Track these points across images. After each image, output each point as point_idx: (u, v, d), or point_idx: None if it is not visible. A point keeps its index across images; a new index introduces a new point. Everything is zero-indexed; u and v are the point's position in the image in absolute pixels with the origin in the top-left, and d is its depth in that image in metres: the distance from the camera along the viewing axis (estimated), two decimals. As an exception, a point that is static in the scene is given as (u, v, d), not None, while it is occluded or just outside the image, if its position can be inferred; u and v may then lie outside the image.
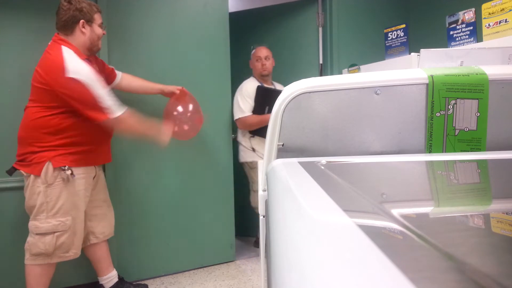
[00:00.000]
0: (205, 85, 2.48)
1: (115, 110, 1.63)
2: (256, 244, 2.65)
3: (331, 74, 2.81)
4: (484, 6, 1.82)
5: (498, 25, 1.76)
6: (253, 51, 2.59)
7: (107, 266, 1.99)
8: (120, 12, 2.25)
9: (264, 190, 0.99)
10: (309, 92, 0.92)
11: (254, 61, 2.56)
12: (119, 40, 2.25)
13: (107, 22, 2.21)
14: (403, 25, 2.27)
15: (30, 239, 1.66)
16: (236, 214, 2.65)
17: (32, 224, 1.64)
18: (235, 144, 2.66)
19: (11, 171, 1.72)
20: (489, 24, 1.80)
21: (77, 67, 1.59)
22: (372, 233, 0.28)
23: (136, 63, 2.31)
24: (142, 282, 2.35)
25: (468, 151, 0.90)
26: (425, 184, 0.49)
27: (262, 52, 2.53)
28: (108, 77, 1.91)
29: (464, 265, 0.21)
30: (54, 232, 1.64)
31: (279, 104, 0.93)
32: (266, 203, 0.75)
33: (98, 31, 1.76)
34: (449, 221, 0.31)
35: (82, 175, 1.72)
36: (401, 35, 2.28)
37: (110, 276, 1.99)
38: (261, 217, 0.99)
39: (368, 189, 0.45)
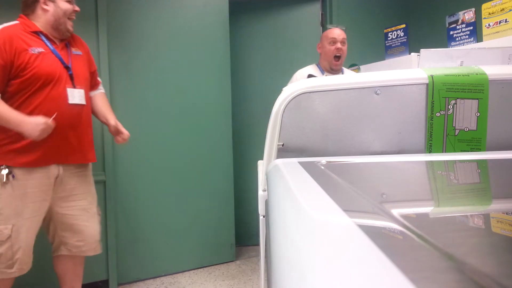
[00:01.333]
0: (205, 85, 2.48)
1: None
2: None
3: (331, 74, 2.80)
4: (484, 6, 1.82)
5: (498, 25, 1.76)
6: (325, 32, 2.22)
7: (76, 285, 1.71)
8: (120, 12, 2.25)
9: (264, 190, 0.99)
10: (309, 92, 0.92)
11: (326, 44, 2.12)
12: (119, 40, 2.25)
13: (107, 22, 2.21)
14: (403, 25, 2.27)
15: None
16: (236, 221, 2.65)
17: None
18: (236, 144, 2.66)
19: None
20: (489, 24, 1.79)
21: None
22: (372, 233, 0.28)
23: (136, 63, 2.31)
24: (142, 282, 2.35)
25: (468, 151, 0.90)
26: (425, 184, 0.49)
27: (338, 33, 2.11)
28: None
29: (464, 265, 0.21)
30: None
31: (279, 104, 0.93)
32: (266, 203, 0.75)
33: (65, 6, 1.54)
34: (449, 221, 0.31)
35: (28, 176, 1.45)
36: (401, 35, 2.28)
37: None
38: (261, 217, 0.99)
39: (368, 189, 0.45)
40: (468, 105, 0.89)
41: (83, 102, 1.60)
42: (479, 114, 0.90)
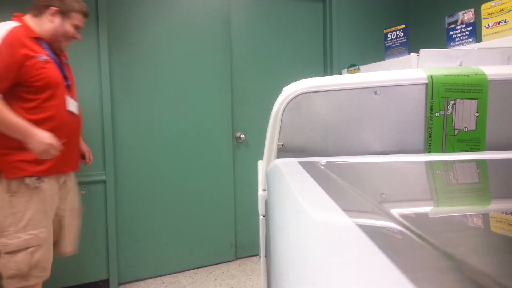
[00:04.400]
0: (206, 85, 2.48)
1: None
2: None
3: (331, 74, 2.81)
4: (483, 6, 1.82)
5: (497, 25, 1.76)
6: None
7: None
8: (120, 12, 2.25)
9: (264, 190, 0.99)
10: (309, 92, 0.92)
11: None
12: (119, 40, 2.25)
13: (108, 23, 2.21)
14: (403, 26, 2.27)
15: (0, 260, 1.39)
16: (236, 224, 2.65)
17: (0, 242, 1.37)
18: (236, 144, 2.66)
19: None
20: (488, 25, 1.80)
21: None
22: (372, 232, 0.28)
23: (136, 64, 2.31)
24: (142, 282, 2.36)
25: (467, 151, 0.91)
26: (425, 184, 0.50)
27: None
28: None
29: (463, 265, 0.22)
30: (27, 248, 1.38)
31: (279, 104, 0.93)
32: (266, 203, 0.75)
33: (68, 28, 1.55)
34: (449, 221, 0.31)
35: (47, 181, 1.48)
36: (401, 36, 2.28)
37: None
38: (261, 217, 0.99)
39: (368, 189, 0.45)
40: (467, 105, 0.90)
41: (79, 112, 1.65)
42: (478, 114, 0.90)
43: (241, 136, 2.60)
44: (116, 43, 2.24)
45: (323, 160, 0.77)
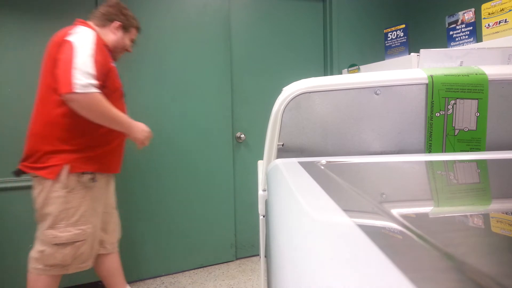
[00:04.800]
0: (206, 85, 2.48)
1: (84, 86, 1.35)
2: None
3: (331, 74, 2.81)
4: (483, 6, 1.82)
5: (497, 25, 1.76)
6: None
7: (120, 280, 1.76)
8: (120, 12, 2.25)
9: (264, 190, 0.99)
10: (309, 92, 0.92)
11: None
12: (119, 40, 2.25)
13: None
14: (403, 25, 2.27)
15: (45, 248, 1.46)
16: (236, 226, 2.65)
17: (49, 233, 1.45)
18: (236, 144, 2.66)
19: (19, 173, 1.51)
20: (488, 24, 1.80)
21: (80, 33, 1.43)
22: (372, 233, 0.28)
23: (136, 63, 2.31)
24: (142, 282, 2.35)
25: (468, 151, 0.90)
26: (425, 184, 0.49)
27: None
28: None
29: (464, 265, 0.21)
30: (75, 242, 1.48)
31: (279, 104, 0.93)
32: (266, 203, 0.75)
33: (127, 42, 1.71)
34: (449, 221, 0.31)
35: (99, 179, 1.58)
36: (401, 35, 2.28)
37: None
38: (261, 217, 0.99)
39: (368, 189, 0.45)
40: (467, 105, 0.90)
41: None
42: (478, 114, 0.90)
43: (241, 136, 2.60)
44: (116, 43, 2.24)
45: (323, 160, 0.77)
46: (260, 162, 1.22)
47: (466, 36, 1.97)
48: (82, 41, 1.41)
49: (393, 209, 0.35)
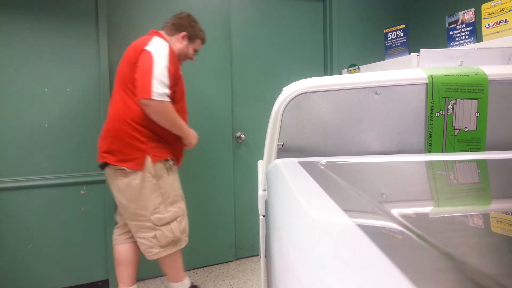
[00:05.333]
0: (206, 85, 2.48)
1: (161, 95, 1.55)
2: None
3: (331, 74, 2.81)
4: (483, 6, 1.82)
5: (497, 25, 1.76)
6: None
7: (133, 275, 1.89)
8: (120, 12, 2.25)
9: (264, 190, 0.99)
10: (309, 92, 0.92)
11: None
12: (119, 40, 2.25)
13: (107, 22, 2.21)
14: (403, 25, 2.27)
15: (155, 232, 1.69)
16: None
17: (155, 218, 1.67)
18: (235, 144, 2.66)
19: (104, 166, 1.72)
20: (488, 24, 1.80)
21: (156, 44, 1.63)
22: (372, 233, 0.28)
23: (136, 63, 2.31)
24: (142, 282, 2.35)
25: (468, 151, 0.90)
26: (425, 184, 0.49)
27: None
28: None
29: (464, 265, 0.21)
30: (176, 218, 1.73)
31: (279, 104, 0.93)
32: (266, 203, 0.75)
33: (190, 51, 1.87)
34: (449, 221, 0.31)
35: (175, 168, 1.81)
36: (401, 35, 2.28)
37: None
38: (261, 217, 0.99)
39: (368, 189, 0.45)
40: (467, 105, 0.90)
41: None
42: (478, 114, 0.90)
43: (241, 136, 2.60)
44: (116, 43, 2.24)
45: (323, 160, 0.77)
46: (260, 162, 1.22)
47: (466, 36, 1.97)
48: (159, 52, 1.60)
49: (393, 209, 0.35)
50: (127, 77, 1.64)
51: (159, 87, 1.53)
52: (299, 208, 0.37)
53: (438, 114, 0.91)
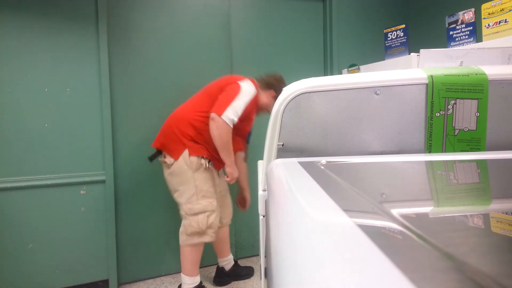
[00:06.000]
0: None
1: (229, 119, 1.83)
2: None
3: (331, 74, 2.81)
4: (483, 6, 1.82)
5: (497, 25, 1.76)
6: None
7: (228, 248, 2.29)
8: (120, 12, 2.25)
9: (264, 190, 0.99)
10: (309, 92, 0.92)
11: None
12: (119, 40, 2.25)
13: (107, 22, 2.21)
14: (403, 25, 2.27)
15: (184, 222, 1.91)
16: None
17: (186, 207, 1.89)
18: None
19: (153, 158, 2.01)
20: (488, 24, 1.80)
21: (248, 85, 1.93)
22: (372, 233, 0.28)
23: (136, 64, 2.31)
24: (142, 282, 2.35)
25: (468, 151, 0.90)
26: (425, 184, 0.49)
27: None
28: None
29: (464, 265, 0.21)
30: (205, 212, 1.88)
31: (279, 104, 0.93)
32: (266, 203, 0.75)
33: (270, 107, 2.09)
34: (449, 221, 0.31)
35: (212, 169, 2.00)
36: (401, 35, 2.28)
37: (229, 258, 2.30)
38: (261, 217, 0.99)
39: (368, 189, 0.45)
40: (467, 105, 0.90)
41: None
42: (478, 114, 0.90)
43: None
44: (116, 43, 2.24)
45: (323, 160, 0.77)
46: (260, 162, 1.22)
47: (466, 36, 1.97)
48: (247, 91, 1.90)
49: (393, 209, 0.35)
50: (211, 94, 1.93)
51: (231, 113, 1.82)
52: (299, 208, 0.37)
53: (438, 114, 0.91)
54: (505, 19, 1.73)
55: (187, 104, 2.01)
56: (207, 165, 1.93)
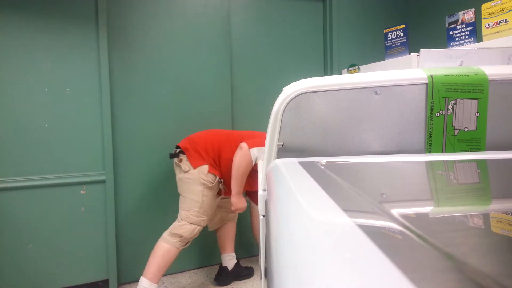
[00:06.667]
0: (206, 85, 2.48)
1: (254, 156, 1.96)
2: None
3: (331, 74, 2.81)
4: (483, 6, 1.82)
5: (497, 25, 1.76)
6: None
7: (232, 245, 2.34)
8: (120, 12, 2.25)
9: (264, 190, 0.99)
10: (309, 92, 0.92)
11: None
12: (119, 40, 2.25)
13: (107, 22, 2.21)
14: (403, 25, 2.27)
15: (176, 222, 1.98)
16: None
17: (184, 213, 1.97)
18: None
19: (173, 156, 2.04)
20: (488, 24, 1.80)
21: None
22: (372, 233, 0.28)
23: (136, 64, 2.31)
24: (142, 282, 2.35)
25: (468, 151, 0.90)
26: (425, 184, 0.50)
27: None
28: None
29: (464, 265, 0.21)
30: (197, 225, 1.97)
31: (279, 104, 0.93)
32: (266, 203, 0.75)
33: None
34: (449, 221, 0.31)
35: (218, 190, 2.10)
36: (401, 35, 2.28)
37: (232, 256, 2.33)
38: (261, 217, 0.99)
39: (368, 189, 0.45)
40: (467, 105, 0.90)
41: None
42: (478, 114, 0.90)
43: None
44: (116, 43, 2.24)
45: (323, 160, 0.77)
46: (260, 162, 1.22)
47: (466, 36, 1.97)
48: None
49: (393, 209, 0.35)
50: (239, 136, 2.10)
51: (257, 152, 1.96)
52: (299, 208, 0.37)
53: (438, 114, 0.91)
54: (505, 19, 1.73)
55: (227, 133, 2.14)
56: (220, 186, 2.04)
